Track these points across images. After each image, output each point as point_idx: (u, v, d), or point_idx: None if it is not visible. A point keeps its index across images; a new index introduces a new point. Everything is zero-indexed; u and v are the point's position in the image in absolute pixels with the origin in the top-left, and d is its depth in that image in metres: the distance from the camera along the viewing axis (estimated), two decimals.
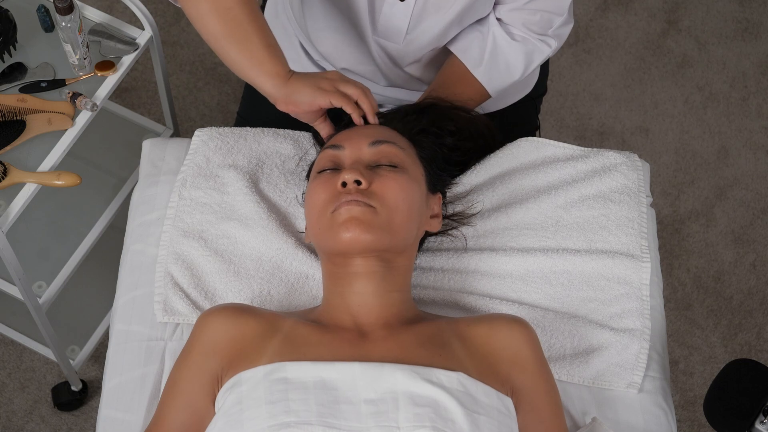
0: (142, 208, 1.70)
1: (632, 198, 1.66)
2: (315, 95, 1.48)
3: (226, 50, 1.50)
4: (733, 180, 2.64)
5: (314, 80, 1.49)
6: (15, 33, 1.81)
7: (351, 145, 1.48)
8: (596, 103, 2.72)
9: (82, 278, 2.12)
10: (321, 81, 1.49)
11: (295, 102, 1.49)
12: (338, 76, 1.51)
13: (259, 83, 1.49)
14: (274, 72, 1.48)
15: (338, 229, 1.41)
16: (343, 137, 1.51)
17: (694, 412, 2.38)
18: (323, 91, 1.48)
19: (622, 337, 1.57)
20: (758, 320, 2.49)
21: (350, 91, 1.50)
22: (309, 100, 1.48)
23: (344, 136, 1.51)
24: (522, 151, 1.71)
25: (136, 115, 2.20)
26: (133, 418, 1.53)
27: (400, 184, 1.44)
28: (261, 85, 1.49)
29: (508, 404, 1.39)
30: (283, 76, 1.48)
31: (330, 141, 1.53)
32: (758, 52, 2.81)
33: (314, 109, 1.50)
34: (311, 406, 1.31)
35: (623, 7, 2.84)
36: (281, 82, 1.48)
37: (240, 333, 1.41)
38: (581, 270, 1.61)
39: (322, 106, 1.49)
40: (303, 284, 1.60)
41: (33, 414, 2.29)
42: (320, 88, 1.48)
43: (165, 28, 2.73)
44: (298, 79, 1.49)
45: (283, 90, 1.48)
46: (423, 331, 1.42)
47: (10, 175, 1.70)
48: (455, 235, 1.63)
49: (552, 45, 1.72)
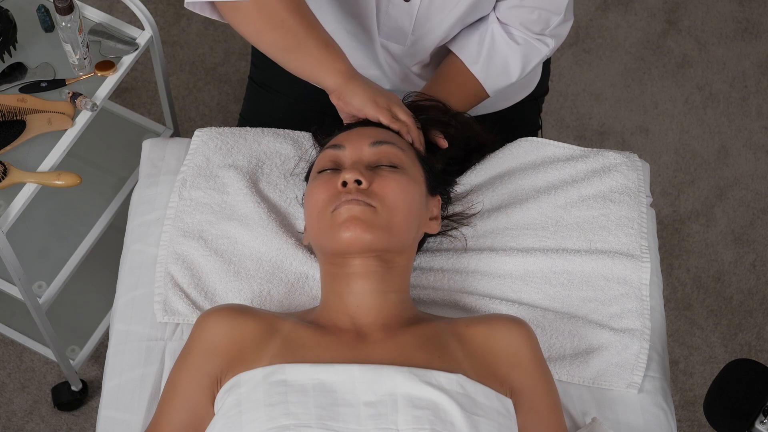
0: (142, 208, 1.70)
1: (632, 198, 1.66)
2: (367, 105, 1.53)
3: (286, 59, 1.57)
4: (733, 180, 2.64)
5: (373, 92, 1.55)
6: (15, 33, 1.81)
7: (351, 146, 1.48)
8: (596, 103, 2.72)
9: (82, 278, 2.12)
10: (378, 96, 1.55)
11: (346, 101, 1.55)
12: (396, 100, 1.57)
13: (321, 81, 1.56)
14: (335, 69, 1.54)
15: (338, 228, 1.41)
16: (344, 137, 1.51)
17: (694, 412, 2.38)
18: (377, 105, 1.54)
19: (622, 337, 1.57)
20: (758, 320, 2.49)
21: (402, 116, 1.55)
22: (359, 106, 1.54)
23: (345, 137, 1.51)
24: (522, 151, 1.71)
25: (136, 115, 2.20)
26: (133, 418, 1.53)
27: (401, 184, 1.44)
28: (323, 80, 1.55)
29: (507, 405, 1.39)
30: (344, 72, 1.54)
31: (330, 141, 1.54)
32: (758, 52, 2.81)
33: (360, 115, 1.55)
34: (310, 408, 1.31)
35: (623, 7, 2.84)
36: (343, 79, 1.54)
37: (239, 334, 1.41)
38: (581, 270, 1.61)
39: (368, 116, 1.54)
40: (303, 284, 1.60)
41: (33, 414, 2.29)
42: (375, 101, 1.54)
43: (165, 28, 2.73)
44: (360, 83, 1.55)
45: (343, 86, 1.54)
46: (422, 332, 1.42)
47: (10, 175, 1.70)
48: (455, 236, 1.63)
49: (550, 44, 1.72)
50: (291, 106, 1.90)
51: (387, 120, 1.53)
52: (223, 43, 2.72)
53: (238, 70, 2.69)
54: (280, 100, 1.91)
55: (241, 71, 2.69)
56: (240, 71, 2.69)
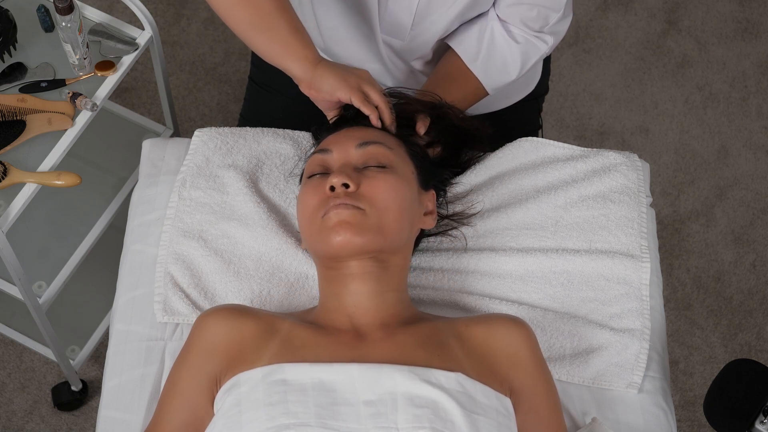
0: (142, 208, 1.70)
1: (632, 198, 1.66)
2: (338, 87, 1.51)
3: (253, 38, 1.54)
4: (733, 180, 2.64)
5: (342, 73, 1.52)
6: (15, 33, 1.81)
7: (338, 149, 1.48)
8: (596, 103, 2.72)
9: (82, 278, 2.12)
10: (348, 75, 1.52)
11: (317, 88, 1.52)
12: (367, 77, 1.54)
13: (287, 67, 1.53)
14: (302, 55, 1.51)
15: (329, 233, 1.41)
16: (331, 141, 1.51)
17: (694, 412, 2.38)
18: (347, 85, 1.51)
19: (621, 337, 1.57)
20: (758, 320, 2.49)
21: (373, 95, 1.52)
22: (330, 90, 1.51)
23: (332, 140, 1.51)
24: (522, 151, 1.71)
25: (136, 115, 2.20)
26: (133, 418, 1.53)
27: (389, 184, 1.44)
28: (289, 68, 1.53)
29: (506, 404, 1.39)
30: (311, 59, 1.52)
31: (318, 145, 1.53)
32: (758, 52, 2.81)
33: (333, 99, 1.53)
34: (310, 407, 1.31)
35: (623, 7, 2.84)
36: (309, 66, 1.51)
37: (239, 334, 1.41)
38: (581, 270, 1.61)
39: (341, 99, 1.51)
40: (303, 284, 1.60)
41: (33, 414, 2.29)
42: (345, 81, 1.51)
43: (165, 28, 2.73)
44: (326, 66, 1.52)
45: (310, 73, 1.52)
46: (421, 331, 1.42)
47: (10, 175, 1.70)
48: (455, 235, 1.63)
49: (549, 42, 1.72)
50: (291, 106, 1.90)
51: (359, 100, 1.50)
52: (223, 43, 2.72)
53: (238, 70, 2.69)
54: (280, 100, 1.91)
55: (241, 71, 2.69)
56: (240, 71, 2.69)
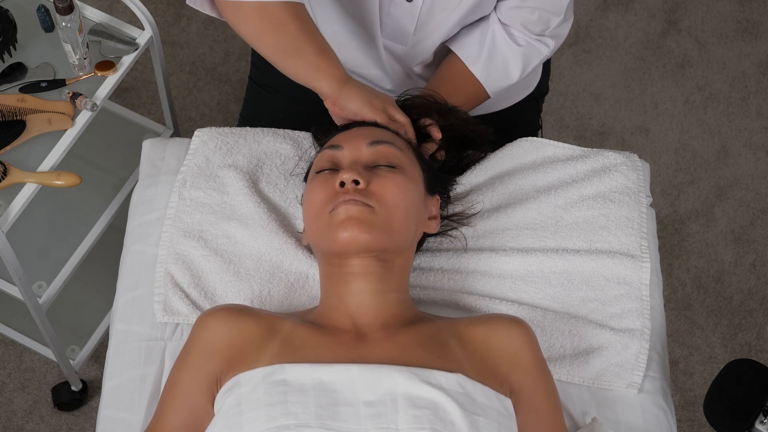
0: (142, 208, 1.70)
1: (632, 198, 1.66)
2: (363, 108, 1.55)
3: (284, 62, 1.57)
4: (733, 180, 2.64)
5: (368, 95, 1.56)
6: (15, 33, 1.81)
7: (349, 146, 1.48)
8: (596, 103, 2.72)
9: (82, 278, 2.12)
10: (374, 98, 1.56)
11: (342, 106, 1.56)
12: (391, 102, 1.58)
13: (316, 85, 1.56)
14: (330, 74, 1.55)
15: (336, 228, 1.41)
16: (342, 138, 1.51)
17: (694, 412, 2.38)
18: (373, 107, 1.55)
19: (622, 337, 1.57)
20: (758, 320, 2.49)
21: (399, 117, 1.56)
22: (356, 110, 1.55)
23: (343, 137, 1.51)
24: (522, 151, 1.71)
25: (136, 115, 2.20)
26: (133, 419, 1.53)
27: (399, 184, 1.44)
28: (318, 86, 1.56)
29: (507, 405, 1.39)
30: (338, 78, 1.55)
31: (329, 141, 1.54)
32: (758, 52, 2.81)
33: (357, 119, 1.56)
34: (310, 408, 1.31)
35: (623, 7, 2.84)
36: (337, 84, 1.55)
37: (239, 334, 1.41)
38: (581, 270, 1.61)
39: (365, 119, 1.55)
40: (303, 284, 1.60)
41: (33, 414, 2.29)
42: (371, 104, 1.55)
43: (165, 28, 2.73)
44: (354, 87, 1.56)
45: (337, 91, 1.55)
46: (421, 331, 1.42)
47: (10, 175, 1.70)
48: (455, 236, 1.63)
49: (550, 45, 1.73)
50: (291, 106, 1.90)
51: (384, 121, 1.54)
52: (223, 43, 2.72)
53: (238, 70, 2.69)
54: (280, 100, 1.91)
55: (241, 71, 2.69)
56: (240, 71, 2.69)
